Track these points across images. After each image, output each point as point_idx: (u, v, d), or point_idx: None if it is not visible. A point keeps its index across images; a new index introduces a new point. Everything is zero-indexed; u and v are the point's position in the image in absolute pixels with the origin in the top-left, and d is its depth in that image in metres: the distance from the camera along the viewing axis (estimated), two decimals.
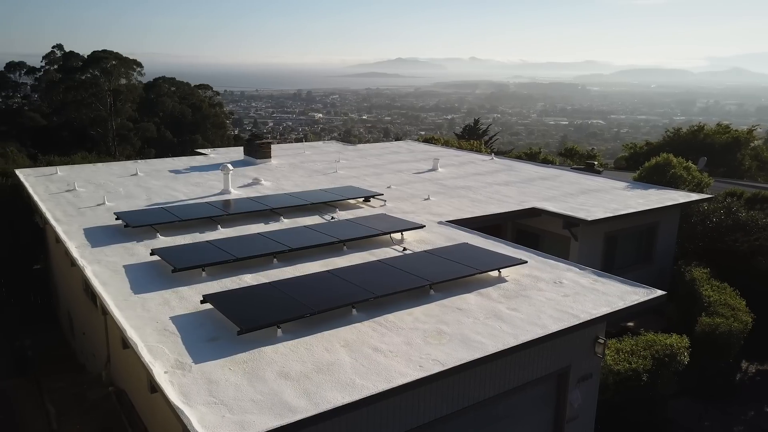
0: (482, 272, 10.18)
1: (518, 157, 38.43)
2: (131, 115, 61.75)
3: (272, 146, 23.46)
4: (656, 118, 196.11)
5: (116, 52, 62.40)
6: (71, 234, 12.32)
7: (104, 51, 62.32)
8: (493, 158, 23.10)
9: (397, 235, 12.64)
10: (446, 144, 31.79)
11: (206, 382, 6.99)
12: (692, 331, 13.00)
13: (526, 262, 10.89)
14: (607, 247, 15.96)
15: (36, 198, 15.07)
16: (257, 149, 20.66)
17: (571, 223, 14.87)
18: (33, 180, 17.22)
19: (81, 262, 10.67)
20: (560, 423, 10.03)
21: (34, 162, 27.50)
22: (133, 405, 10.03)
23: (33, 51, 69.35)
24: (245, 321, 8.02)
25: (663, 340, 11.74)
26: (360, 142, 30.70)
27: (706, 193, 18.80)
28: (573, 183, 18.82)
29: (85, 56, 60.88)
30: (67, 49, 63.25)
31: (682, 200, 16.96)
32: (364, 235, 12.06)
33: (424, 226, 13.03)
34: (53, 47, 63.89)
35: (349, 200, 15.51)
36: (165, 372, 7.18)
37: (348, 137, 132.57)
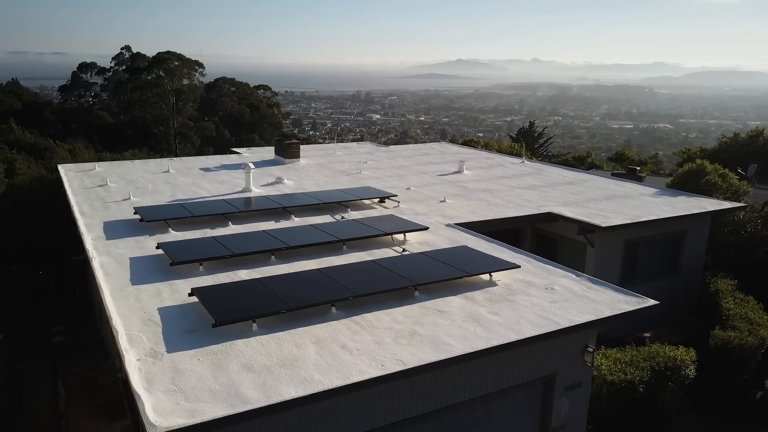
0: (470, 275, 10.14)
1: (564, 161, 37.75)
2: (192, 114, 64.13)
3: (306, 146, 24.01)
4: (729, 122, 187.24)
5: (179, 53, 64.97)
6: (91, 227, 13.02)
7: (168, 52, 65.00)
8: (524, 161, 22.78)
9: (400, 236, 12.73)
10: (485, 146, 31.52)
11: (172, 370, 7.31)
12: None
13: (519, 266, 10.77)
14: (627, 254, 15.50)
15: (69, 192, 15.96)
16: (286, 149, 21.14)
17: (586, 229, 14.55)
18: (72, 175, 18.23)
19: (91, 253, 11.28)
20: (546, 430, 9.89)
21: (99, 158, 29.20)
22: None
23: (104, 52, 72.96)
24: (221, 314, 8.32)
25: (667, 352, 11.35)
26: (416, 143, 30.72)
27: (743, 202, 17.97)
28: (600, 188, 18.36)
29: (151, 57, 63.74)
30: (135, 51, 66.42)
31: (711, 208, 16.27)
32: (365, 235, 12.21)
33: (428, 228, 13.06)
34: (122, 48, 67.06)
35: (363, 201, 15.69)
36: (137, 359, 7.54)
37: (404, 138, 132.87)
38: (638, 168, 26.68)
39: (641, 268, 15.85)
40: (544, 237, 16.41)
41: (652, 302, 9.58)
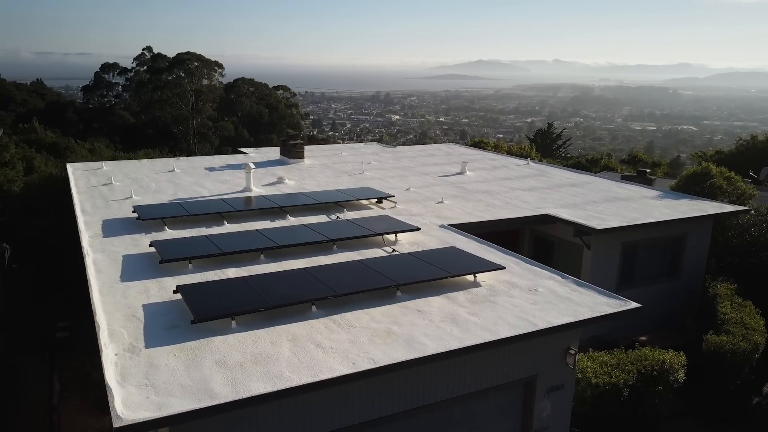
0: (453, 276, 10.19)
1: (577, 163, 37.47)
2: (211, 114, 64.93)
3: (312, 147, 24.21)
4: (755, 124, 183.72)
5: (199, 54, 65.83)
6: (90, 224, 13.30)
7: (188, 53, 65.89)
8: (528, 163, 22.71)
9: (391, 237, 12.81)
10: (494, 148, 31.45)
11: (148, 365, 7.47)
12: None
13: (504, 267, 10.79)
14: (625, 257, 15.39)
15: (73, 190, 16.31)
16: (291, 150, 21.33)
17: (581, 231, 14.49)
18: (79, 173, 18.62)
19: (86, 250, 11.54)
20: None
21: (114, 157, 29.82)
22: None
23: (128, 52, 74.19)
24: (200, 311, 8.48)
25: (656, 356, 11.28)
26: (435, 143, 30.76)
27: (749, 205, 17.71)
28: (602, 191, 18.25)
29: (171, 58, 64.67)
30: (156, 51, 67.45)
31: (712, 211, 16.09)
32: (355, 235, 12.31)
33: (420, 228, 13.12)
34: (143, 49, 68.19)
35: (361, 201, 15.80)
36: (116, 354, 7.73)
37: (423, 139, 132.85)
38: (648, 171, 26.42)
39: (640, 271, 15.73)
40: (542, 239, 16.37)
41: (634, 305, 9.55)
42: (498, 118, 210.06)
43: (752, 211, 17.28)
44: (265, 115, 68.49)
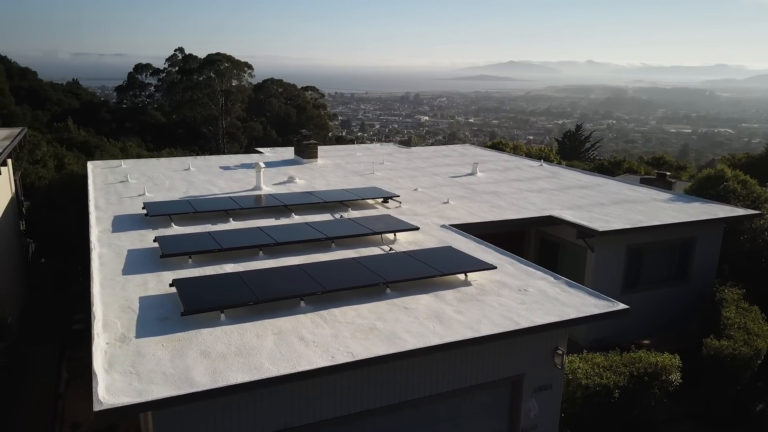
0: (444, 274, 10.32)
1: (599, 166, 37.06)
2: (240, 114, 65.94)
3: (328, 147, 24.52)
4: None
5: (229, 55, 66.92)
6: (101, 220, 13.78)
7: (218, 54, 67.07)
8: (542, 164, 22.63)
9: (390, 236, 12.98)
10: (514, 150, 31.35)
11: (135, 354, 7.79)
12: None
13: (495, 267, 10.87)
14: (630, 260, 15.27)
15: (90, 187, 16.87)
16: (304, 149, 21.66)
17: (584, 233, 14.44)
18: (98, 171, 19.23)
19: (93, 244, 11.99)
20: (515, 430, 9.96)
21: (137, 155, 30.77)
22: None
23: (162, 53, 75.77)
24: (190, 304, 8.78)
25: (650, 358, 11.23)
26: (464, 143, 30.87)
27: (764, 210, 17.39)
28: (612, 193, 18.12)
29: (202, 59, 65.93)
30: (188, 52, 68.84)
31: (722, 215, 15.86)
32: (354, 234, 12.52)
33: (419, 228, 13.27)
34: (175, 50, 69.60)
35: (366, 200, 16.00)
36: (107, 343, 8.08)
37: (452, 140, 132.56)
38: (669, 174, 26.05)
39: (646, 274, 15.59)
40: (547, 241, 16.35)
41: (622, 306, 9.54)
42: (528, 119, 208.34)
43: (767, 215, 16.96)
44: (294, 115, 69.22)
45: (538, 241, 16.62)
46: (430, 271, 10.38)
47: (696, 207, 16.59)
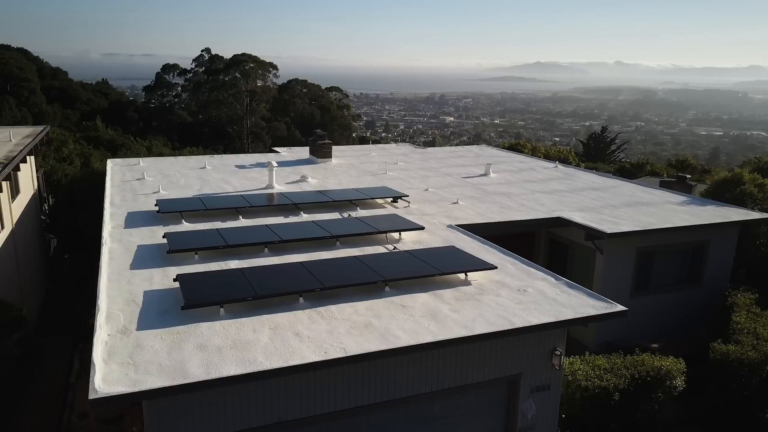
0: (443, 274, 10.38)
1: (620, 169, 36.63)
2: (264, 114, 66.69)
3: (344, 147, 24.70)
4: None
5: (254, 56, 67.73)
6: (115, 216, 14.14)
7: (243, 54, 67.96)
8: (557, 166, 22.51)
9: (396, 235, 13.08)
10: (532, 151, 31.19)
11: (134, 346, 8.02)
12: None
13: (496, 267, 10.89)
14: (641, 263, 15.13)
15: (108, 184, 17.29)
16: (319, 149, 21.87)
17: (593, 235, 14.36)
18: (117, 169, 19.68)
19: (105, 239, 12.32)
20: (512, 430, 9.99)
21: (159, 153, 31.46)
22: None
23: (190, 54, 77.05)
24: (191, 298, 9.00)
25: (653, 362, 11.13)
26: (489, 145, 30.88)
27: None
28: (625, 195, 17.96)
29: (227, 59, 66.87)
30: (214, 53, 69.87)
31: (736, 218, 15.62)
32: (359, 232, 12.65)
33: (424, 227, 13.34)
34: (202, 51, 70.71)
35: (376, 200, 16.13)
36: (108, 335, 8.33)
37: (477, 141, 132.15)
38: (689, 176, 25.66)
39: (657, 277, 15.42)
40: (557, 243, 16.28)
41: (620, 308, 9.50)
42: (555, 121, 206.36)
43: None
44: (317, 116, 69.72)
45: (547, 243, 16.56)
46: (430, 270, 10.46)
47: (710, 210, 16.36)
